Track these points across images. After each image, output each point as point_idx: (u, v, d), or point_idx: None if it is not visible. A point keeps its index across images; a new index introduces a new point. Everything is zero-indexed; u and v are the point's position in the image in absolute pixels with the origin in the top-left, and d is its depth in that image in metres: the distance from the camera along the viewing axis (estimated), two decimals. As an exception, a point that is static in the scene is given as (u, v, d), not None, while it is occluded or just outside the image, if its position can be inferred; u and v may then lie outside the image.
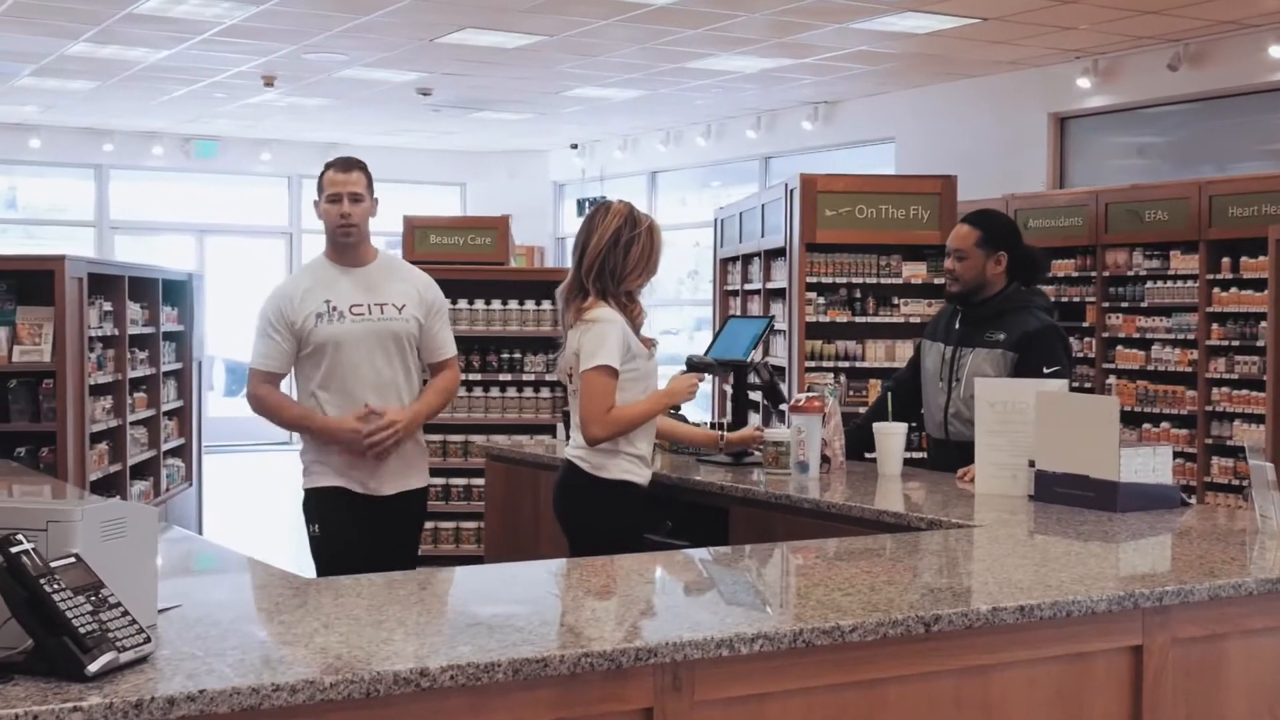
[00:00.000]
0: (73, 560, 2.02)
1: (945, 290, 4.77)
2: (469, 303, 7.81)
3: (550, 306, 7.64)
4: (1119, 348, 9.30)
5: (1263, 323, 8.18)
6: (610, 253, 4.03)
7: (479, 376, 7.85)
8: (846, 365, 7.74)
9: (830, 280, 7.73)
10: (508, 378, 7.94)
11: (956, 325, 4.65)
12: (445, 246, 10.07)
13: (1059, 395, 3.97)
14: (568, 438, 4.32)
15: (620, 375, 3.98)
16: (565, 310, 4.14)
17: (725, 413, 6.75)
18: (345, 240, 4.25)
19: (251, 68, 11.99)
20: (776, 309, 8.30)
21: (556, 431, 5.66)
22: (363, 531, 4.19)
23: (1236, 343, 8.51)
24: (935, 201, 7.74)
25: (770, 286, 8.55)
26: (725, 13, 9.71)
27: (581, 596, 2.78)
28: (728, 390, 5.98)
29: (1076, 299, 9.60)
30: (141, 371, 8.07)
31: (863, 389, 7.63)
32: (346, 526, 4.19)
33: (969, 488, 4.07)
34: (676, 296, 16.64)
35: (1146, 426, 9.02)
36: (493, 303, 7.88)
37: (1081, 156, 11.64)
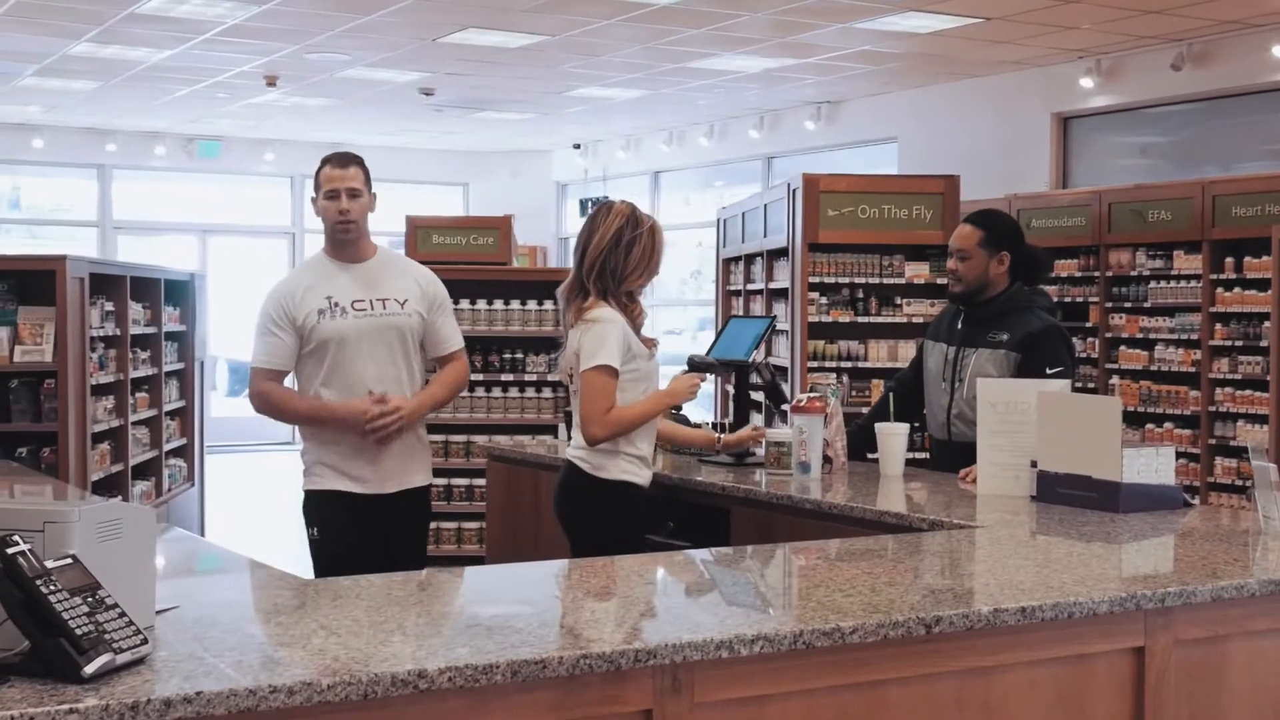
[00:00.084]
0: (69, 561, 2.02)
1: (948, 290, 4.76)
2: (471, 303, 7.81)
3: (552, 306, 7.63)
4: (1122, 348, 9.29)
5: (1266, 323, 8.17)
6: (611, 253, 4.03)
7: (481, 377, 7.85)
8: (849, 365, 7.73)
9: (833, 280, 7.73)
10: (510, 378, 7.95)
11: (959, 325, 4.65)
12: (448, 246, 10.07)
13: (1061, 395, 3.96)
14: (569, 438, 4.30)
15: (621, 375, 3.97)
16: (566, 310, 4.14)
17: (728, 413, 6.74)
18: (344, 236, 4.21)
19: (254, 68, 11.99)
20: (779, 309, 8.30)
21: (558, 432, 5.66)
22: (364, 534, 4.15)
23: (1240, 343, 8.50)
24: (938, 201, 7.73)
25: (773, 286, 8.54)
26: (728, 12, 9.70)
27: (581, 597, 2.78)
28: (730, 390, 5.97)
29: (1079, 299, 9.58)
30: (143, 371, 8.07)
31: (865, 389, 7.63)
32: (347, 529, 4.14)
33: (971, 488, 4.06)
34: (680, 296, 16.65)
35: (1150, 427, 9.01)
36: (495, 303, 7.88)
37: (1084, 156, 11.63)
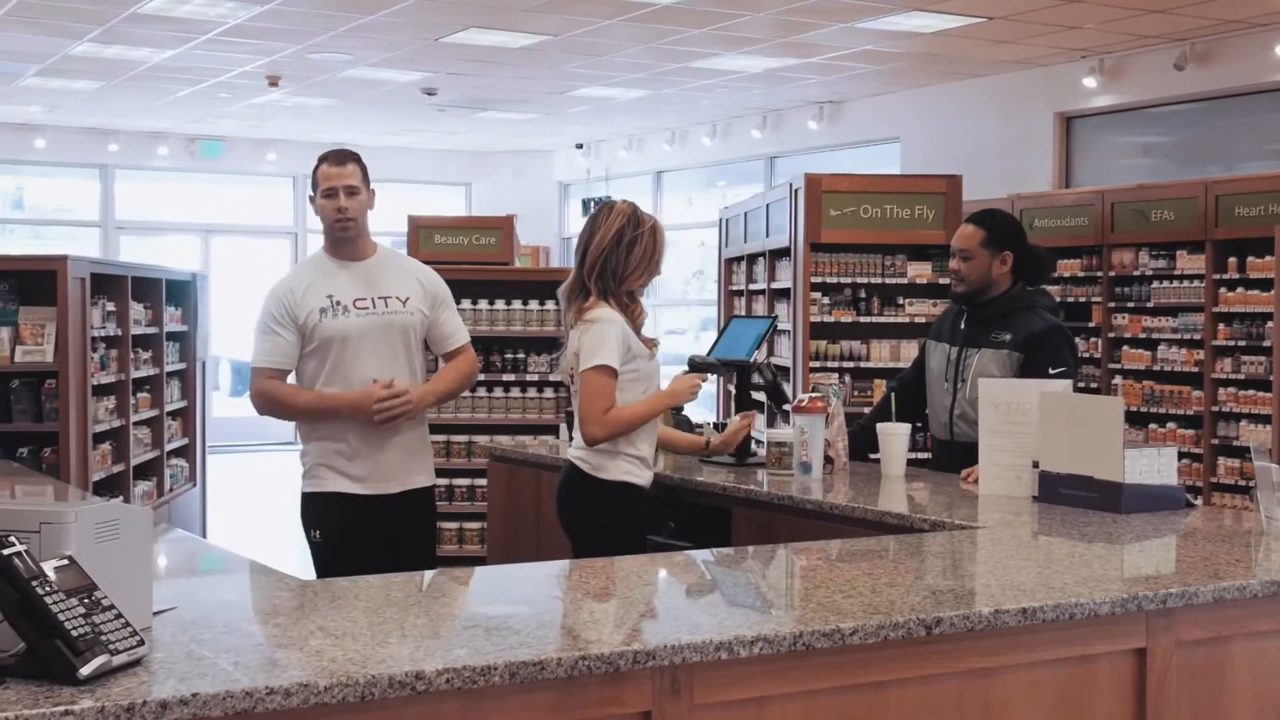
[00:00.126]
0: (66, 562, 2.01)
1: (950, 290, 4.74)
2: (473, 303, 7.80)
3: (554, 307, 7.63)
4: (1125, 348, 9.27)
5: (1269, 323, 8.17)
6: (613, 252, 4.02)
7: (483, 376, 7.82)
8: (851, 365, 7.73)
9: (835, 280, 7.72)
10: (511, 378, 7.94)
11: (962, 326, 4.63)
12: (450, 246, 10.04)
13: (1063, 396, 3.95)
14: (570, 438, 4.29)
15: (620, 375, 3.96)
16: (567, 310, 4.13)
17: (730, 413, 6.73)
18: (343, 234, 4.18)
19: (256, 68, 11.99)
20: (781, 309, 8.29)
21: (560, 432, 5.64)
22: (368, 536, 4.11)
23: (1243, 343, 8.48)
24: (940, 201, 7.71)
25: (775, 286, 8.53)
26: (730, 12, 9.69)
27: (580, 598, 2.77)
28: (731, 391, 5.95)
29: (1082, 299, 9.57)
30: (145, 371, 8.06)
31: (867, 389, 7.62)
32: (350, 531, 4.11)
33: (972, 489, 4.05)
34: (682, 296, 16.64)
35: (1152, 427, 8.99)
36: (497, 303, 7.87)
37: (1087, 156, 11.61)
